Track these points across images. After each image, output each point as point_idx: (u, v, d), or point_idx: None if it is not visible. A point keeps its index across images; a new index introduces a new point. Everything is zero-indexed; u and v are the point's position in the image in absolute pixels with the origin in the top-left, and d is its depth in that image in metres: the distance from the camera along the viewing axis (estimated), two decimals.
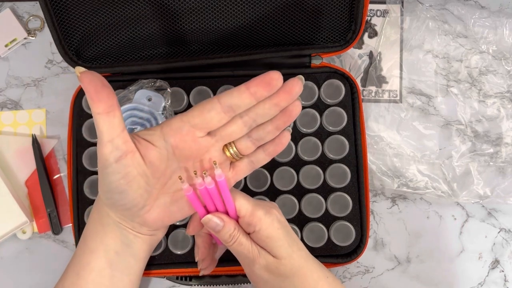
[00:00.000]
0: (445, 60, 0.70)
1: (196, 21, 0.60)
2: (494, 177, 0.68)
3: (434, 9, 0.71)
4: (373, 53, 0.71)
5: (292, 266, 0.48)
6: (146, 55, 0.63)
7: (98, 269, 0.47)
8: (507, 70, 0.70)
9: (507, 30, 0.70)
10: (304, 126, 0.63)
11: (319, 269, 0.50)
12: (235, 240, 0.48)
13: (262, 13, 0.60)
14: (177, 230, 0.61)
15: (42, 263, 0.68)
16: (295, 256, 0.48)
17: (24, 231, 0.68)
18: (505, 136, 0.69)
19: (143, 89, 0.61)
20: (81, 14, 0.59)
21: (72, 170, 0.63)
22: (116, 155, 0.42)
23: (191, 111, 0.45)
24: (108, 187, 0.43)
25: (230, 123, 0.45)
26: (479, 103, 0.70)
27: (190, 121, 0.44)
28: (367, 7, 0.60)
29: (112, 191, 0.43)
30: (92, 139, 0.63)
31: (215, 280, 0.62)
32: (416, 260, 0.68)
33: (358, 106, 0.63)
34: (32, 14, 0.72)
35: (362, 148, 0.63)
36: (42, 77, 0.71)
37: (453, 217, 0.69)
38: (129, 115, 0.59)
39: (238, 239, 0.48)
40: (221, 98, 0.44)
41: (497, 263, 0.68)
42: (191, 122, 0.44)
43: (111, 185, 0.43)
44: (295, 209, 0.62)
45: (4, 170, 0.68)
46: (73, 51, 0.61)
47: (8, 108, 0.71)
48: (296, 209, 0.62)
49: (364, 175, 0.62)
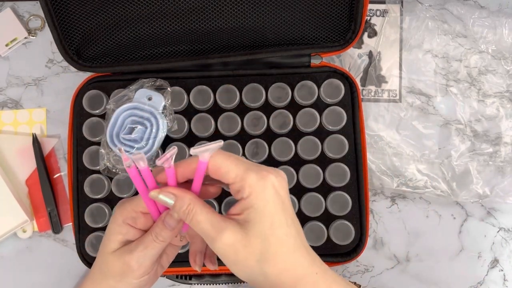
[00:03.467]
0: (445, 59, 0.70)
1: (196, 21, 0.60)
2: (493, 176, 0.68)
3: (433, 9, 0.71)
4: (372, 53, 0.71)
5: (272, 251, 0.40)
6: (146, 55, 0.63)
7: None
8: (507, 69, 0.70)
9: (506, 30, 0.70)
10: (304, 126, 0.63)
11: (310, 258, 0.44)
12: (190, 217, 0.41)
13: (262, 13, 0.60)
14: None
15: (42, 262, 0.68)
16: (277, 237, 0.41)
17: (25, 230, 0.68)
18: (504, 135, 0.69)
19: (143, 88, 0.61)
20: (81, 14, 0.59)
21: (72, 169, 0.63)
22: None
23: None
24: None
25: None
26: (478, 102, 0.70)
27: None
28: (366, 7, 0.60)
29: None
30: (92, 138, 0.63)
31: (215, 279, 0.63)
32: (416, 259, 0.68)
33: (357, 106, 0.63)
34: (33, 14, 0.72)
35: (362, 147, 0.63)
36: (43, 77, 0.71)
37: (453, 216, 0.69)
38: (129, 114, 0.59)
39: (194, 216, 0.41)
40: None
41: (496, 262, 0.68)
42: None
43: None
44: (294, 208, 0.62)
45: (5, 169, 0.68)
46: (74, 51, 0.61)
47: (8, 107, 0.71)
48: (296, 208, 0.62)
49: (364, 174, 0.62)
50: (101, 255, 0.46)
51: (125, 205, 0.46)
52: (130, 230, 0.45)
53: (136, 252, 0.44)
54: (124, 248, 0.45)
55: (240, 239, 0.40)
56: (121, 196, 0.62)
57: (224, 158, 0.42)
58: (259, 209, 0.40)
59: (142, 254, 0.44)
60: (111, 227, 0.46)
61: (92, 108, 0.63)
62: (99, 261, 0.47)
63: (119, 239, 0.45)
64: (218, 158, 0.42)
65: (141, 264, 0.45)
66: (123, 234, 0.45)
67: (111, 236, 0.45)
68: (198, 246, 0.48)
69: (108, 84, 0.64)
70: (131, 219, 0.45)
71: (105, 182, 0.62)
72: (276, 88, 0.63)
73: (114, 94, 0.63)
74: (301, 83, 0.63)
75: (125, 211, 0.45)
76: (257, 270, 0.41)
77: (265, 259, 0.40)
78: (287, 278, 0.41)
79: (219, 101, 0.63)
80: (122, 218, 0.45)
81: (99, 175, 0.62)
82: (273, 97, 0.63)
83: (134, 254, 0.44)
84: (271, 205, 0.41)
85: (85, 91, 0.63)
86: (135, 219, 0.45)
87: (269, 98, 0.63)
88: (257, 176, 0.41)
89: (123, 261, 0.45)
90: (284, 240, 0.41)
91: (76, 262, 0.63)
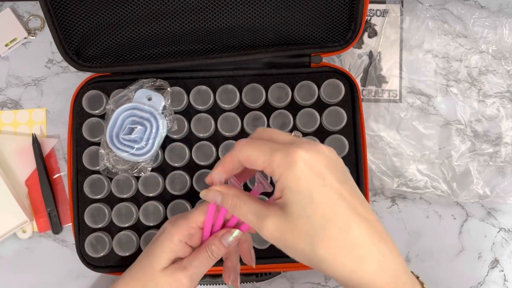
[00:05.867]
0: (445, 60, 0.70)
1: (196, 21, 0.60)
2: (493, 176, 0.68)
3: (433, 9, 0.71)
4: (373, 53, 0.71)
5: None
6: (146, 55, 0.63)
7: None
8: (507, 70, 0.70)
9: (506, 30, 0.70)
10: (304, 126, 0.63)
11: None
12: (238, 211, 0.41)
13: (262, 13, 0.60)
14: None
15: (42, 262, 0.68)
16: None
17: (24, 230, 0.68)
18: (505, 135, 0.69)
19: (143, 88, 0.61)
20: (81, 14, 0.59)
21: (72, 169, 0.63)
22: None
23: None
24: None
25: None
26: (478, 102, 0.70)
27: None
28: (367, 7, 0.60)
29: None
30: (92, 138, 0.63)
31: (215, 280, 0.63)
32: (416, 259, 0.68)
33: (358, 106, 0.63)
34: (32, 14, 0.72)
35: (362, 147, 0.63)
36: (42, 77, 0.71)
37: (453, 216, 0.69)
38: (129, 114, 0.59)
39: (240, 210, 0.41)
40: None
41: (496, 262, 0.68)
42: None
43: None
44: None
45: (4, 169, 0.68)
46: (73, 51, 0.61)
47: (8, 107, 0.71)
48: None
49: (364, 174, 0.62)
50: (148, 273, 0.46)
51: (180, 222, 0.46)
52: (184, 248, 0.46)
53: (190, 268, 0.45)
54: (175, 265, 0.45)
55: (283, 223, 0.38)
56: (121, 196, 0.62)
57: (250, 146, 0.40)
58: (293, 188, 0.37)
59: (196, 271, 0.45)
60: (165, 245, 0.45)
61: (92, 108, 0.63)
62: (144, 278, 0.46)
63: (171, 257, 0.46)
64: (245, 149, 0.41)
65: (193, 281, 0.45)
66: (176, 252, 0.45)
67: (163, 254, 0.45)
68: (233, 263, 0.49)
69: (107, 84, 0.64)
70: (188, 236, 0.46)
71: (105, 182, 0.62)
72: (276, 88, 0.63)
73: (114, 94, 0.63)
74: (301, 83, 0.63)
75: (182, 229, 0.45)
76: (310, 253, 0.37)
77: (314, 240, 0.37)
78: (346, 259, 0.37)
79: (219, 101, 0.63)
80: (179, 237, 0.45)
81: (99, 176, 0.62)
82: (273, 97, 0.63)
83: (189, 270, 0.45)
84: (304, 182, 0.37)
85: (84, 91, 0.63)
86: (192, 236, 0.46)
87: (269, 98, 0.63)
88: (283, 155, 0.38)
89: (175, 279, 0.45)
90: (330, 216, 0.37)
91: (76, 263, 0.62)
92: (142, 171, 0.60)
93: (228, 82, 0.63)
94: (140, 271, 0.46)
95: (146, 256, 0.47)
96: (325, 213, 0.37)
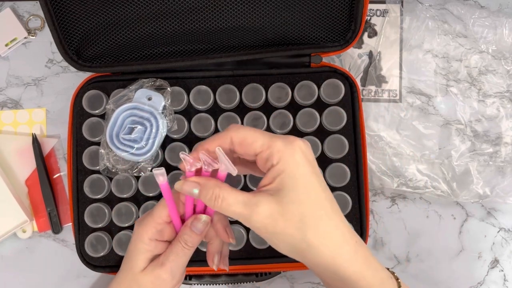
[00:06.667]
0: (445, 59, 0.70)
1: (196, 21, 0.60)
2: (493, 176, 0.68)
3: (433, 9, 0.71)
4: (372, 53, 0.71)
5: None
6: (146, 55, 0.63)
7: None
8: (507, 69, 0.70)
9: (506, 30, 0.70)
10: (304, 126, 0.63)
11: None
12: (219, 202, 0.40)
13: (262, 13, 0.60)
14: None
15: (42, 262, 0.68)
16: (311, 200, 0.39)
17: (24, 230, 0.68)
18: (505, 135, 0.69)
19: (143, 88, 0.61)
20: (81, 14, 0.59)
21: (72, 169, 0.63)
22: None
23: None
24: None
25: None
26: (478, 102, 0.70)
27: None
28: (366, 7, 0.60)
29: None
30: (92, 138, 0.63)
31: (215, 279, 0.63)
32: (416, 259, 0.68)
33: (357, 106, 0.63)
34: (33, 14, 0.72)
35: (362, 147, 0.63)
36: (42, 77, 0.71)
37: (453, 216, 0.69)
38: (129, 114, 0.59)
39: (223, 201, 0.40)
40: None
41: (496, 262, 0.68)
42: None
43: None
44: None
45: (4, 169, 0.68)
46: (73, 51, 0.61)
47: (8, 107, 0.71)
48: None
49: (364, 174, 0.62)
50: (129, 276, 0.46)
51: (147, 220, 0.45)
52: (157, 245, 0.45)
53: (168, 263, 0.44)
54: (153, 263, 0.45)
55: (276, 208, 0.39)
56: (121, 196, 0.62)
57: (248, 129, 0.42)
58: (291, 173, 0.39)
59: (174, 264, 0.44)
60: (138, 246, 0.45)
61: (92, 108, 0.63)
62: (126, 282, 0.46)
63: (147, 257, 0.45)
64: (242, 130, 0.41)
65: (174, 275, 0.45)
66: (151, 251, 0.45)
67: (139, 256, 0.45)
68: (215, 247, 0.48)
69: (107, 84, 0.64)
70: (157, 233, 0.45)
71: (105, 182, 0.62)
72: (276, 88, 0.63)
73: (114, 94, 0.63)
74: (301, 83, 0.63)
75: (149, 227, 0.45)
76: (299, 237, 0.39)
77: (304, 224, 0.39)
78: (330, 243, 0.40)
79: (219, 101, 0.63)
80: (148, 236, 0.45)
81: (99, 175, 0.62)
82: (273, 97, 0.63)
83: (167, 265, 0.44)
84: (302, 169, 0.40)
85: (84, 91, 0.63)
86: (161, 232, 0.45)
87: (269, 98, 0.63)
88: (284, 142, 0.40)
89: (155, 276, 0.44)
90: (321, 203, 0.40)
91: (76, 262, 0.62)
92: (142, 171, 0.60)
93: (228, 82, 0.63)
94: (123, 275, 0.47)
95: (126, 261, 0.47)
96: (316, 200, 0.40)
